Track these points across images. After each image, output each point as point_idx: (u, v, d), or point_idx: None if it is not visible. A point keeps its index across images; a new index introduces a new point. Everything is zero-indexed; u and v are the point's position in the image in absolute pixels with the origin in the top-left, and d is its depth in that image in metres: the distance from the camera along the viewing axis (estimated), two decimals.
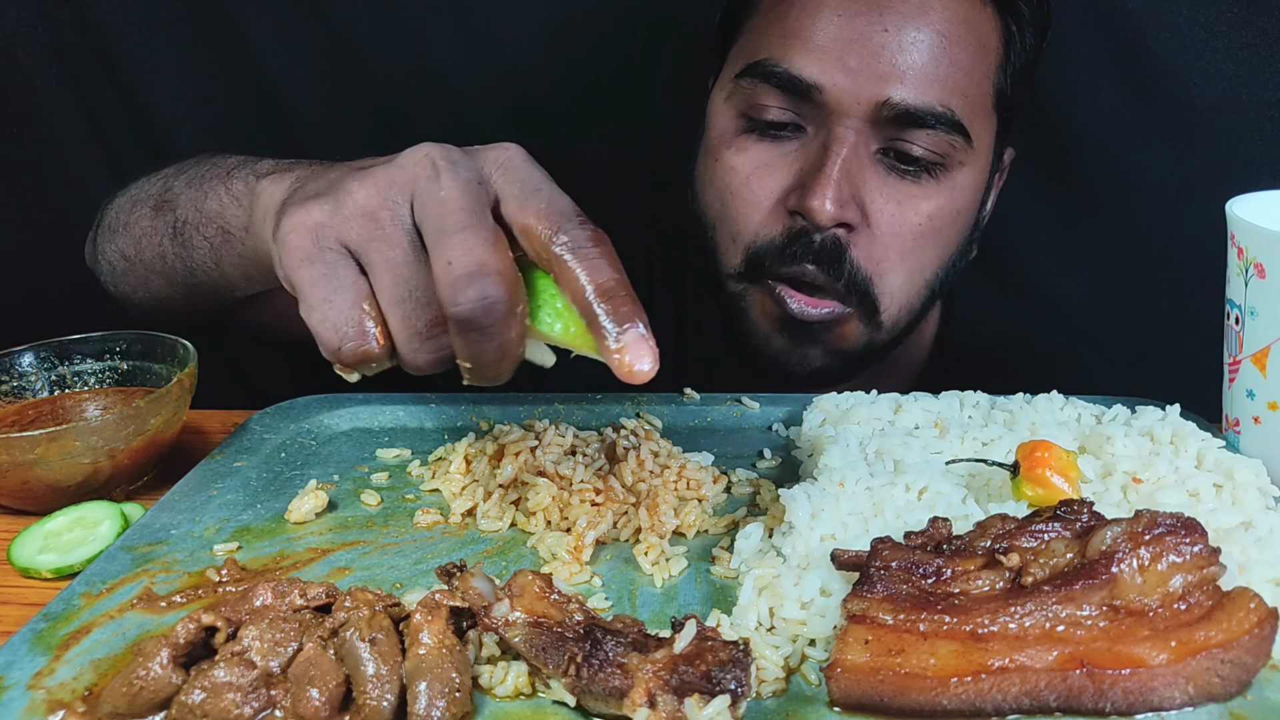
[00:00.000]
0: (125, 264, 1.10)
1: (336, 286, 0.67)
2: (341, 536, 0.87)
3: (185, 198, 0.98)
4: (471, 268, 0.63)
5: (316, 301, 0.67)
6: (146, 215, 1.04)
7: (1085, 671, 0.62)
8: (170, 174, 1.05)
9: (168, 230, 1.00)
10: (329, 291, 0.67)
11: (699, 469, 0.92)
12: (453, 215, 0.65)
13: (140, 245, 1.06)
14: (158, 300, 1.11)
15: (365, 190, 0.67)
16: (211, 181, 0.94)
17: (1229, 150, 1.36)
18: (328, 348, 0.68)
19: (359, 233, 0.67)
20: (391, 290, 0.66)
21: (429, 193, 0.66)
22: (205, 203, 0.93)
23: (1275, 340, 0.85)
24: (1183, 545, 0.65)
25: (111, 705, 0.64)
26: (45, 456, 0.88)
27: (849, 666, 0.63)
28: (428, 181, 0.66)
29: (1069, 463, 0.80)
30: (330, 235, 0.67)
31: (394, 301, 0.66)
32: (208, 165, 0.99)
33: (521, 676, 0.66)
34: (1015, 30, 1.08)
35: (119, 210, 1.10)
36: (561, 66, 1.49)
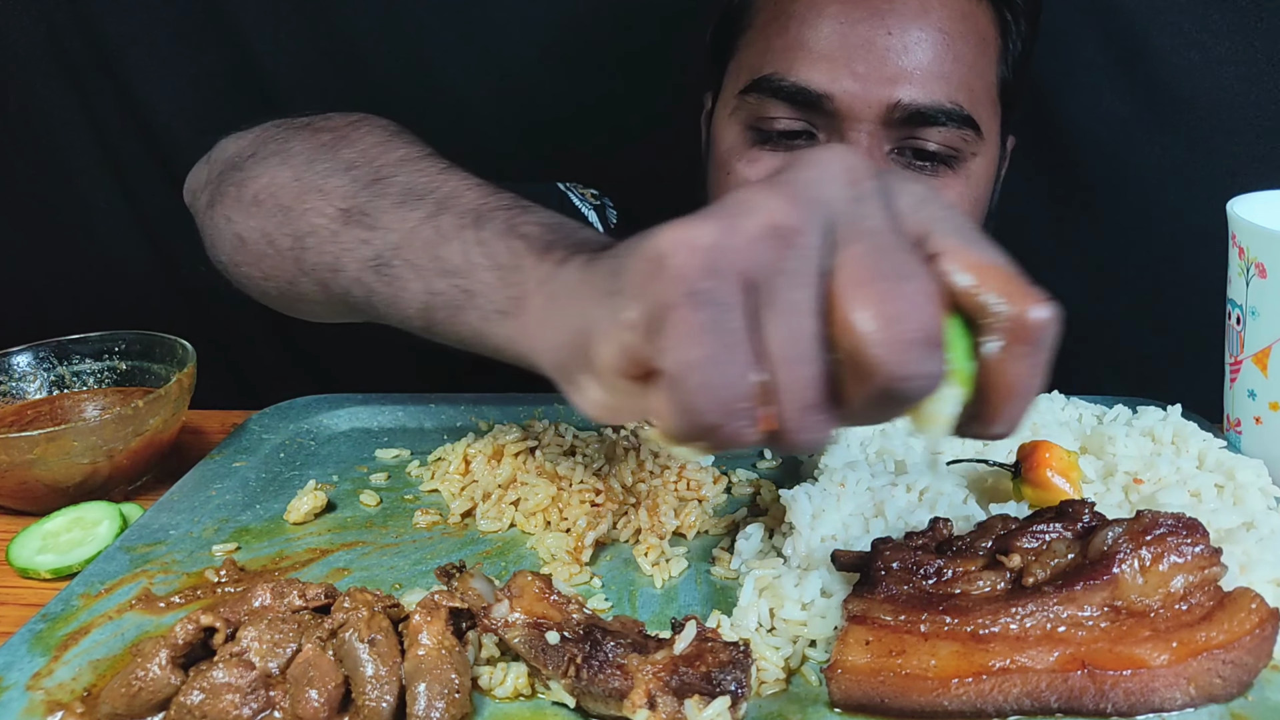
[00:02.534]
0: (267, 250, 0.87)
1: (727, 343, 0.49)
2: (340, 537, 0.87)
3: (396, 221, 0.77)
4: (921, 333, 0.48)
5: (699, 359, 0.49)
6: (327, 217, 0.82)
7: (1086, 672, 0.62)
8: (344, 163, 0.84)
9: (362, 253, 0.79)
10: (717, 348, 0.49)
11: (699, 469, 0.92)
12: (894, 256, 0.50)
13: (304, 244, 0.83)
14: (290, 296, 0.90)
15: (775, 203, 0.51)
16: (443, 216, 0.74)
17: (1230, 150, 1.36)
18: (697, 419, 0.50)
19: (764, 258, 0.50)
20: (789, 347, 0.50)
21: (856, 218, 0.51)
22: (442, 249, 0.73)
23: (1276, 340, 0.85)
24: (1184, 546, 0.65)
25: (110, 706, 0.64)
26: (44, 457, 0.88)
27: (850, 667, 0.63)
28: (852, 204, 0.52)
29: (1070, 463, 0.80)
30: (728, 263, 0.50)
31: (787, 361, 0.50)
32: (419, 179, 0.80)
33: (521, 677, 0.66)
34: (1011, 19, 1.08)
35: (277, 186, 0.86)
36: (562, 67, 1.49)
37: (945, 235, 0.53)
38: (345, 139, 0.87)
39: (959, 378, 0.53)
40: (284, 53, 1.49)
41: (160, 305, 1.65)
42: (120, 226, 1.61)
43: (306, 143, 0.89)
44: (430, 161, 0.82)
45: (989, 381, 0.53)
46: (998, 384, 0.53)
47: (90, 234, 1.61)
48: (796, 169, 0.53)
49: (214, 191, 0.92)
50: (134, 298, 1.63)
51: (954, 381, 0.52)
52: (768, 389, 0.50)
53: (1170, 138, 1.38)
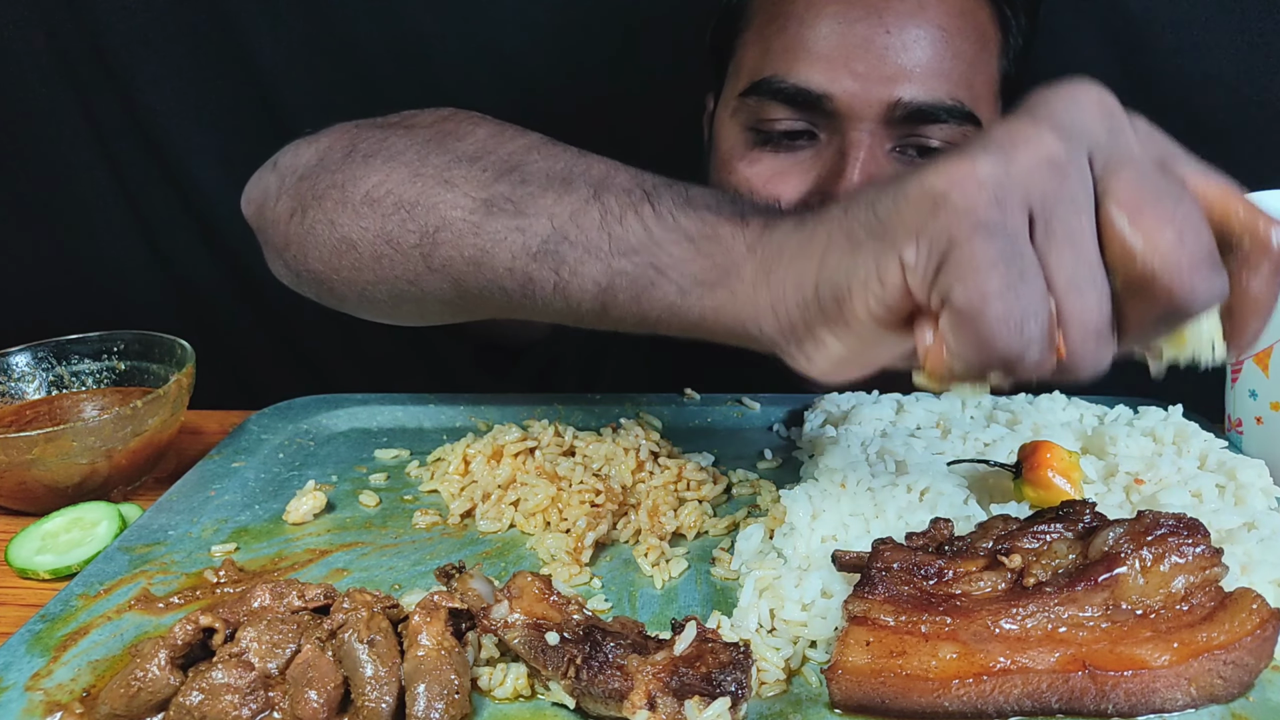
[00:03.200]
0: (386, 251, 0.82)
1: (1023, 273, 0.51)
2: (340, 537, 0.87)
3: (551, 206, 0.75)
4: (1205, 251, 0.51)
5: (998, 289, 0.51)
6: (463, 209, 0.78)
7: (1087, 673, 0.61)
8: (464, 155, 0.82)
9: (517, 241, 0.75)
10: (1014, 278, 0.51)
11: (699, 469, 0.92)
12: (1163, 181, 0.53)
13: (436, 239, 0.79)
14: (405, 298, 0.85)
15: (1045, 135, 0.53)
16: (606, 197, 0.73)
17: (1230, 150, 1.36)
18: (996, 350, 0.52)
19: (1043, 188, 0.52)
20: (1074, 271, 0.52)
21: (1118, 148, 0.54)
22: (617, 229, 0.71)
23: (1278, 341, 0.85)
24: (1185, 546, 0.65)
25: (109, 706, 0.64)
26: (43, 457, 0.88)
27: (850, 668, 0.63)
28: (1111, 135, 0.54)
29: (1071, 463, 0.80)
30: (1012, 195, 0.52)
31: (1074, 287, 0.52)
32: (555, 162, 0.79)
33: (521, 678, 0.66)
34: (1010, 14, 1.09)
35: (386, 182, 0.82)
36: (563, 67, 1.49)
37: (1183, 163, 0.56)
38: (450, 133, 0.85)
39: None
40: (284, 53, 1.49)
41: (159, 305, 1.65)
42: (120, 226, 1.61)
43: (406, 139, 0.85)
44: (557, 145, 0.81)
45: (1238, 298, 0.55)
46: (1245, 300, 0.55)
47: (90, 234, 1.61)
48: (1050, 103, 0.55)
49: (301, 197, 0.87)
50: (133, 298, 1.63)
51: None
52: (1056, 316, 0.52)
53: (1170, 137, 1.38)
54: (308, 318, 1.66)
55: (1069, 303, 0.52)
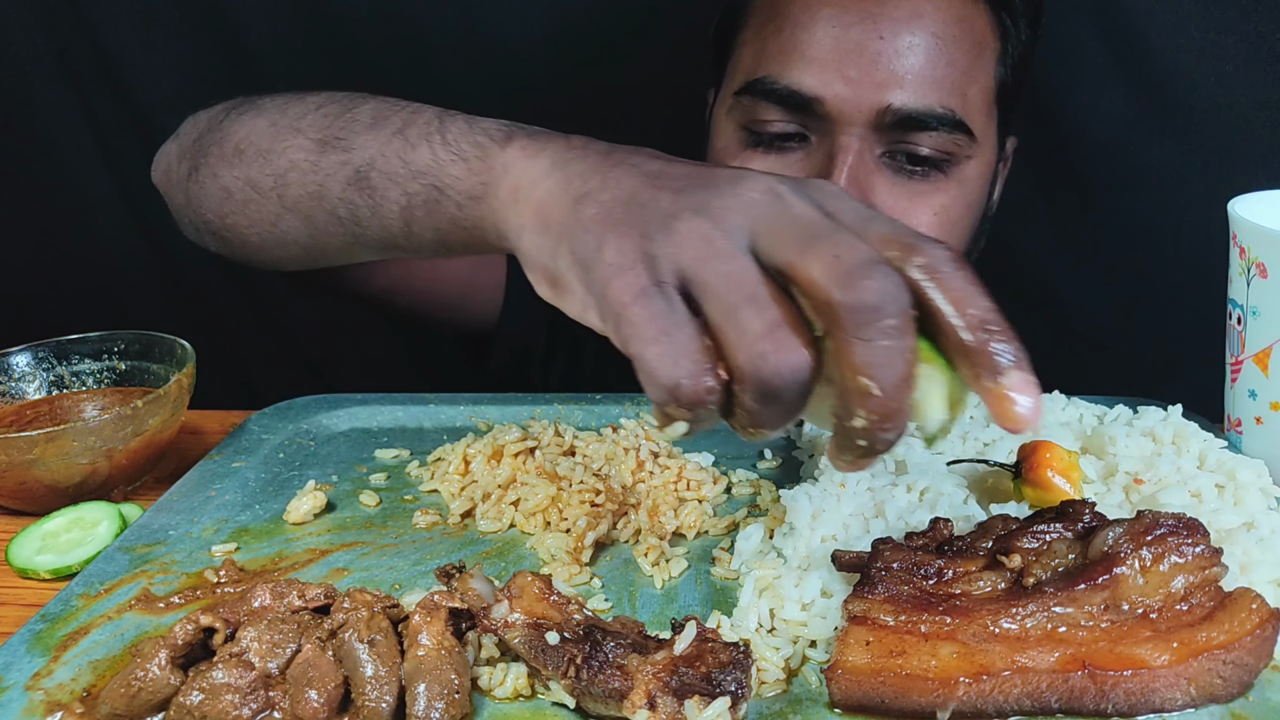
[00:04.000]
0: (252, 195, 0.96)
1: (676, 322, 0.58)
2: (340, 537, 0.87)
3: (370, 140, 0.87)
4: (865, 257, 0.55)
5: (653, 335, 0.58)
6: (305, 149, 0.92)
7: (1087, 672, 0.62)
8: (314, 105, 0.95)
9: (342, 173, 0.88)
10: (668, 325, 0.58)
11: (699, 469, 0.92)
12: (818, 225, 0.58)
13: (287, 180, 0.92)
14: (278, 239, 0.98)
15: (699, 221, 0.60)
16: (412, 130, 0.84)
17: (1230, 150, 1.36)
18: (663, 385, 0.57)
19: (692, 254, 0.59)
20: (726, 299, 0.57)
21: (778, 215, 0.59)
22: (412, 154, 0.82)
23: (1277, 340, 0.85)
24: (1185, 546, 0.65)
25: (110, 706, 0.64)
26: (43, 457, 0.88)
27: (850, 668, 0.63)
28: (772, 206, 0.60)
29: (1071, 463, 0.80)
30: (664, 267, 0.59)
31: (728, 311, 0.57)
32: (384, 106, 0.90)
33: (521, 678, 0.66)
34: (1010, 23, 1.08)
35: (255, 133, 0.97)
36: (557, 54, 1.49)
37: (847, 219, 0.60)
38: (313, 91, 0.99)
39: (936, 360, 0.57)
40: (285, 53, 1.49)
41: (160, 305, 1.65)
42: (120, 227, 1.61)
43: (274, 99, 1.01)
44: (395, 98, 0.92)
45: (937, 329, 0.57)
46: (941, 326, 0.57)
47: (90, 234, 1.61)
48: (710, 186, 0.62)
49: (195, 157, 1.02)
50: (133, 298, 1.63)
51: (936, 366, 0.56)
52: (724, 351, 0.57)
53: (1170, 137, 1.38)
54: (308, 318, 1.67)
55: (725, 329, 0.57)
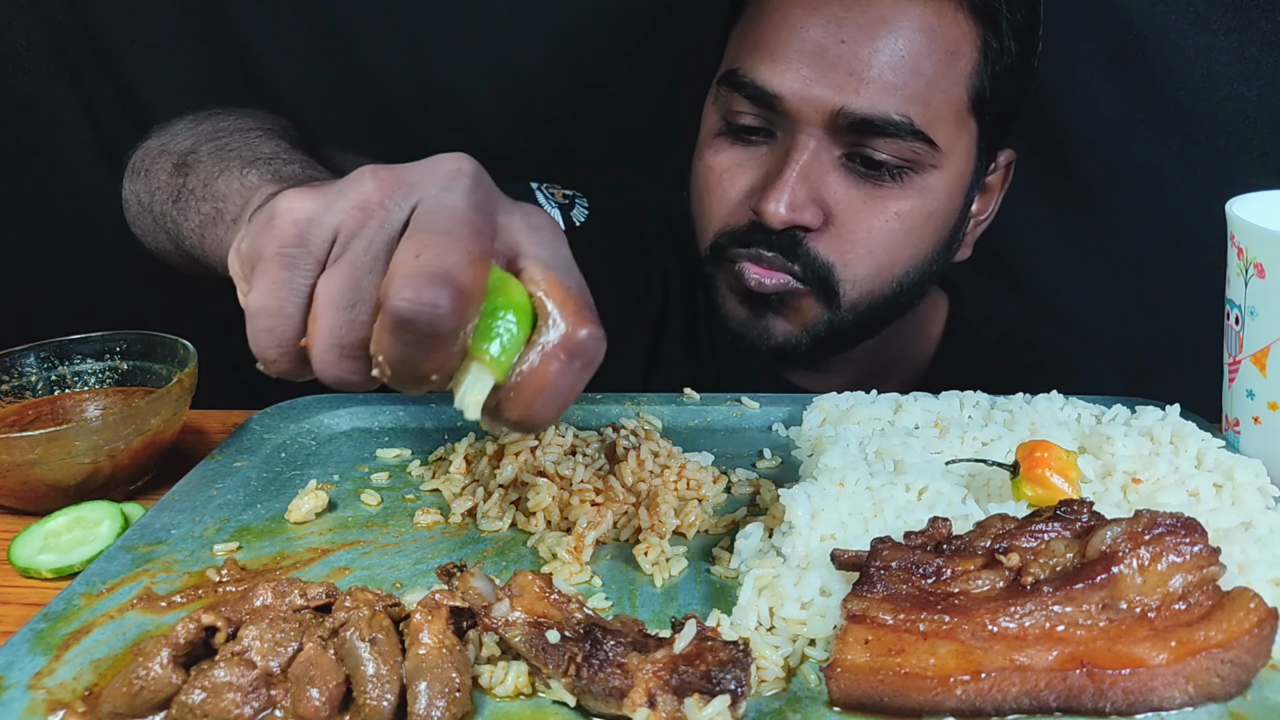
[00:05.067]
0: (139, 208, 1.10)
1: (294, 298, 0.61)
2: (341, 536, 0.87)
3: (204, 167, 0.97)
4: (438, 271, 0.56)
5: (267, 306, 0.62)
6: (166, 169, 1.03)
7: (1085, 671, 0.62)
8: (205, 133, 1.04)
9: (174, 191, 1.00)
10: (284, 300, 0.61)
11: (699, 469, 0.92)
12: (448, 219, 0.59)
13: (154, 196, 1.05)
14: (161, 253, 1.12)
15: (374, 184, 0.62)
16: (234, 161, 0.93)
17: (1229, 150, 1.36)
18: (260, 348, 0.63)
19: (350, 226, 0.61)
20: (338, 293, 0.60)
21: (438, 197, 0.60)
22: (216, 181, 0.93)
23: (1275, 340, 0.85)
24: (1183, 545, 0.65)
25: (111, 705, 0.64)
26: (45, 456, 0.88)
27: (849, 666, 0.63)
28: (441, 188, 0.61)
29: (1069, 463, 0.80)
30: (319, 231, 0.61)
31: (333, 306, 0.60)
32: (241, 139, 0.98)
33: (521, 676, 0.66)
34: (991, 37, 1.08)
35: (146, 153, 1.09)
36: (563, 66, 1.49)
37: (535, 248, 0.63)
38: (217, 115, 1.08)
39: (497, 366, 0.61)
40: (284, 52, 1.50)
41: (161, 305, 1.65)
42: (120, 226, 1.60)
43: (186, 121, 1.10)
44: (263, 135, 1.00)
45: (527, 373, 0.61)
46: (533, 376, 0.61)
47: (90, 234, 1.61)
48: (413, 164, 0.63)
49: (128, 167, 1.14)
50: (135, 297, 1.63)
51: (490, 369, 0.61)
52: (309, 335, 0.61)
53: (1170, 138, 1.38)
54: None
55: (322, 316, 0.60)
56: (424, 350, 0.58)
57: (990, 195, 1.24)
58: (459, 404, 0.62)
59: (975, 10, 1.06)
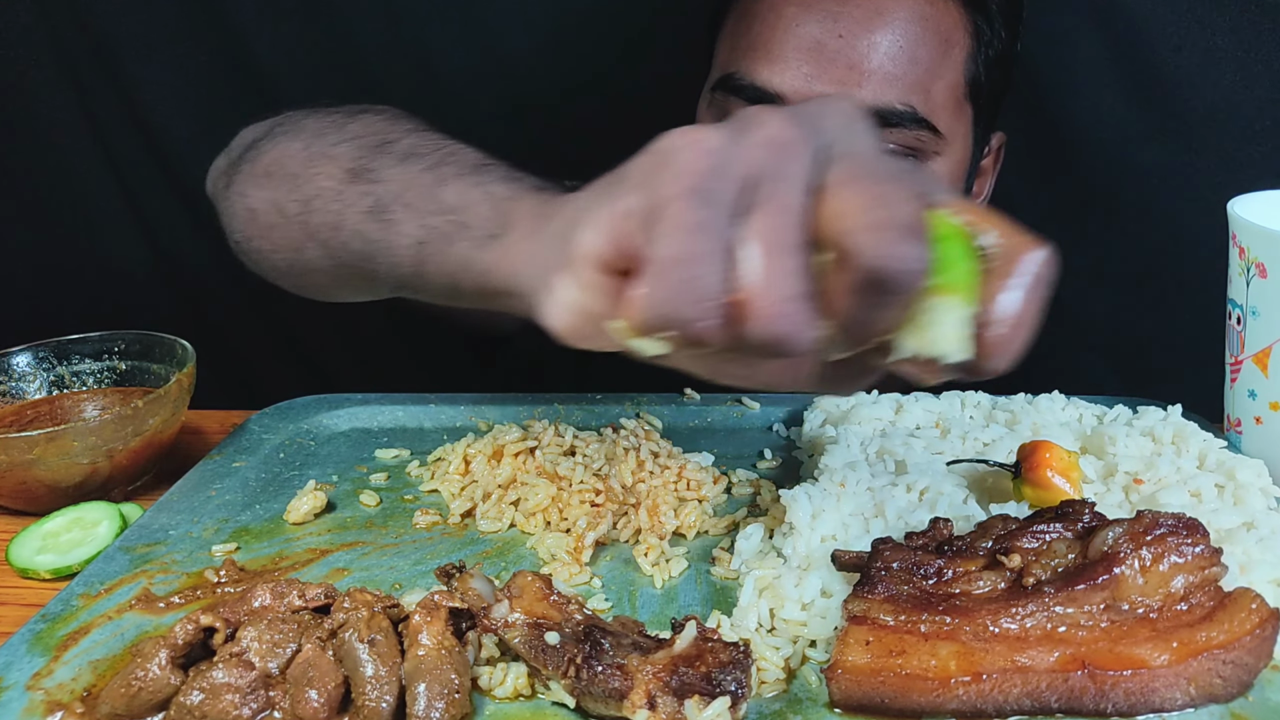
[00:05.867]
0: (277, 219, 0.93)
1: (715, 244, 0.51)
2: (340, 537, 0.87)
3: (397, 174, 0.84)
4: (907, 220, 0.51)
5: (686, 253, 0.51)
6: (334, 179, 0.88)
7: (1087, 672, 0.62)
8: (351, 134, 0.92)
9: (363, 203, 0.85)
10: (705, 247, 0.51)
11: (699, 469, 0.92)
12: (884, 165, 0.54)
13: (311, 206, 0.89)
14: (302, 266, 0.94)
15: (781, 122, 0.54)
16: (446, 167, 0.81)
17: (1230, 150, 1.36)
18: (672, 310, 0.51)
19: (763, 164, 0.53)
20: (777, 236, 0.51)
21: (850, 141, 0.55)
22: (440, 190, 0.79)
23: (1277, 340, 0.85)
24: (1184, 546, 0.65)
25: (110, 706, 0.64)
26: (44, 457, 0.88)
27: (850, 668, 0.63)
28: (846, 130, 0.55)
29: (1070, 463, 0.80)
30: (731, 169, 0.53)
31: (775, 248, 0.51)
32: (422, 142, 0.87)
33: (521, 678, 0.66)
34: (982, 22, 1.09)
35: (287, 157, 0.93)
36: (560, 62, 1.49)
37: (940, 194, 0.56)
38: (354, 118, 0.94)
39: (969, 297, 0.54)
40: (283, 51, 1.49)
41: (160, 305, 1.65)
42: (120, 226, 1.61)
43: (318, 121, 0.96)
44: (434, 133, 0.89)
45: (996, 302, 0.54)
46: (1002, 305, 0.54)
47: (90, 234, 1.61)
48: (803, 105, 0.56)
49: (230, 173, 0.99)
50: (133, 297, 1.63)
51: (964, 301, 0.53)
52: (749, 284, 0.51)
53: (1170, 138, 1.38)
54: (308, 318, 1.66)
55: (766, 265, 0.51)
56: (886, 309, 0.52)
57: (985, 177, 1.25)
58: (933, 350, 0.54)
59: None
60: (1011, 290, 0.55)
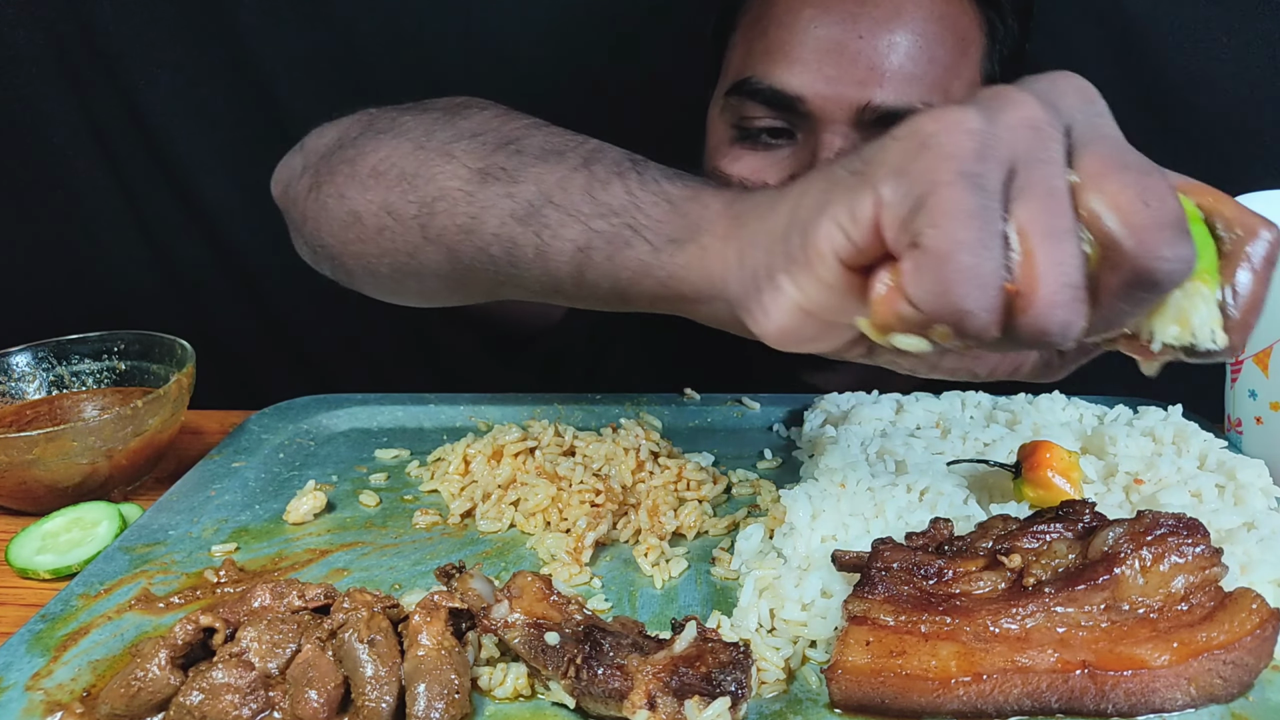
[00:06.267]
0: (388, 223, 0.85)
1: (994, 232, 0.50)
2: (340, 537, 0.87)
3: (544, 173, 0.77)
4: (1171, 217, 0.50)
5: (971, 240, 0.49)
6: (460, 179, 0.81)
7: (1087, 672, 0.61)
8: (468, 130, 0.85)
9: (504, 206, 0.78)
10: (988, 234, 0.49)
11: (699, 469, 0.92)
12: (1134, 155, 0.53)
13: (433, 209, 0.82)
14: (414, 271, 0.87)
15: (1034, 102, 0.53)
16: (599, 166, 0.76)
17: (1229, 150, 1.36)
18: (957, 301, 0.50)
19: (1025, 146, 0.52)
20: (1049, 223, 0.50)
21: (1096, 125, 0.54)
22: (601, 192, 0.74)
23: (1277, 340, 0.85)
24: (1185, 546, 0.65)
25: (110, 706, 0.64)
26: (43, 457, 0.88)
27: (850, 668, 0.63)
28: (1088, 114, 0.54)
29: (1071, 463, 0.80)
30: (996, 150, 0.51)
31: (1050, 237, 0.50)
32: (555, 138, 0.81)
33: (521, 678, 0.66)
34: (996, 18, 1.09)
35: (398, 156, 0.85)
36: (564, 63, 1.49)
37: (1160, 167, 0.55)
38: (458, 113, 0.89)
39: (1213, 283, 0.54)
40: (284, 53, 1.50)
41: (159, 305, 1.65)
42: (120, 226, 1.61)
43: (417, 118, 0.89)
44: (557, 128, 0.83)
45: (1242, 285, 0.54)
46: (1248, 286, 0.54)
47: (90, 234, 1.61)
48: (1037, 80, 0.55)
49: (318, 174, 0.91)
50: (133, 298, 1.63)
51: (1210, 286, 0.54)
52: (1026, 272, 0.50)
53: (1170, 138, 1.38)
54: (308, 318, 1.67)
55: (1043, 252, 0.50)
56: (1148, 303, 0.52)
57: None
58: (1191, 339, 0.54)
59: None
60: (1247, 272, 0.54)
